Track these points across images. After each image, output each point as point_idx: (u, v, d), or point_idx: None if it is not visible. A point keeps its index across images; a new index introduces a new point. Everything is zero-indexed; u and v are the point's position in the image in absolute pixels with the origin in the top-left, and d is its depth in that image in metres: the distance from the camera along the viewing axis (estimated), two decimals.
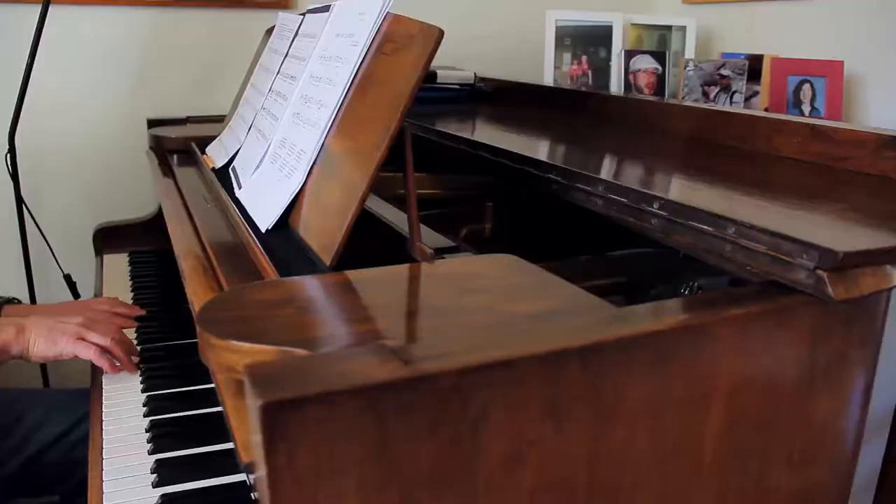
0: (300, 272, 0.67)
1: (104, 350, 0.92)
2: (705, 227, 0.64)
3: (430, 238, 0.76)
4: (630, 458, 0.52)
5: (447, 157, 1.04)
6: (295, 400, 0.41)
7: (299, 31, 1.05)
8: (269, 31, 1.26)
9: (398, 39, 0.73)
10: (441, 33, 0.66)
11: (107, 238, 1.42)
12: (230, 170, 1.06)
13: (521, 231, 1.00)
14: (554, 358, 0.47)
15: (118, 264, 1.36)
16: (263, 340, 0.50)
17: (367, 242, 0.69)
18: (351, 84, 0.78)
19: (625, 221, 0.75)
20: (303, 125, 0.85)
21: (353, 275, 0.62)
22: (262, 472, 0.43)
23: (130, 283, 1.28)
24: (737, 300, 0.55)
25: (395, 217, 0.84)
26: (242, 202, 0.90)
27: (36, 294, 1.36)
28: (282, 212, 0.78)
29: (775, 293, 0.57)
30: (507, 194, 1.00)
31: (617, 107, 1.15)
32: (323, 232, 0.70)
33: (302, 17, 1.07)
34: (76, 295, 1.34)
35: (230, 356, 0.51)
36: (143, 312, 1.09)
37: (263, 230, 0.79)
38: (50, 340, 0.88)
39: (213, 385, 0.96)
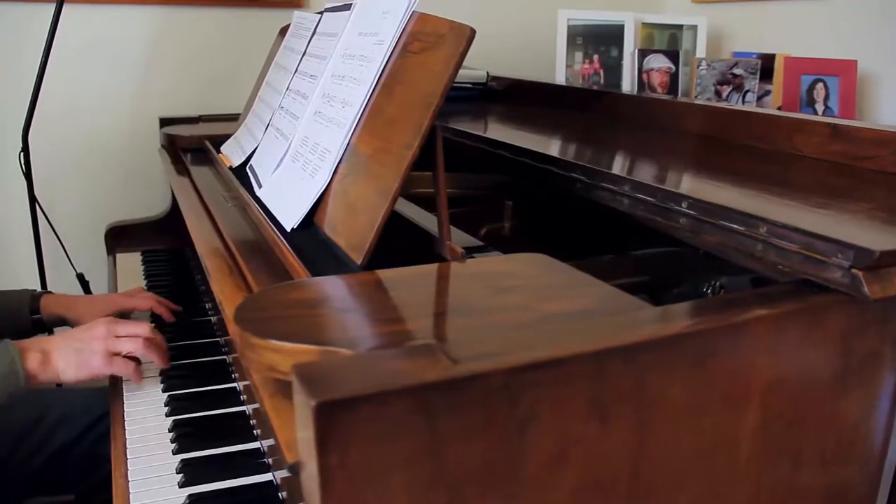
0: (330, 271, 0.67)
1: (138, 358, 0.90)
2: (736, 226, 0.65)
3: (456, 237, 0.76)
4: (669, 456, 0.53)
5: (464, 157, 1.04)
6: (348, 400, 0.41)
7: (317, 30, 1.04)
8: (284, 30, 1.25)
9: (426, 38, 0.73)
10: (473, 32, 0.66)
11: (118, 237, 1.41)
12: (248, 168, 1.05)
13: (540, 230, 1.00)
14: (600, 357, 0.47)
15: (131, 264, 1.36)
16: (305, 340, 0.50)
17: (391, 241, 0.69)
18: (377, 83, 0.78)
19: (651, 221, 0.75)
20: (326, 124, 0.85)
21: (385, 274, 0.62)
22: (312, 471, 0.43)
23: (145, 282, 1.27)
24: (773, 299, 0.56)
25: (418, 215, 0.84)
26: (264, 201, 0.89)
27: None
28: (307, 211, 0.78)
29: (809, 292, 0.57)
30: (526, 193, 1.00)
31: (633, 106, 1.15)
32: (352, 231, 0.70)
33: (319, 15, 1.06)
34: (89, 294, 1.33)
35: (271, 356, 0.51)
36: (179, 308, 1.09)
37: (289, 229, 0.79)
38: (81, 364, 0.85)
39: (232, 385, 0.96)
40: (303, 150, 0.88)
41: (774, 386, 0.56)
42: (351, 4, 0.94)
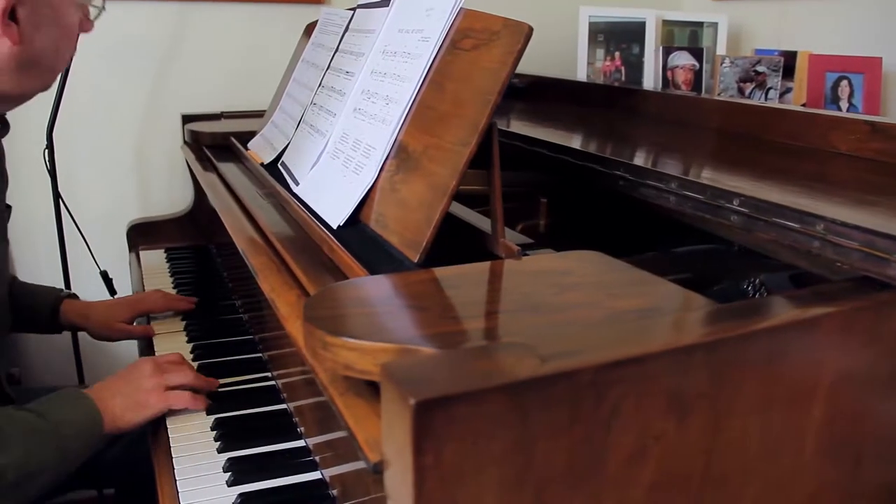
0: (385, 268, 0.66)
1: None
2: (791, 223, 0.65)
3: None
4: (740, 451, 0.53)
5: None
6: (445, 398, 0.41)
7: (350, 26, 1.04)
8: (310, 27, 1.25)
9: (477, 35, 0.72)
10: (531, 30, 0.66)
11: (141, 234, 1.40)
12: (280, 165, 1.05)
13: (576, 227, 1.00)
14: (682, 354, 0.48)
15: (155, 260, 1.35)
16: (382, 338, 0.50)
17: (438, 237, 0.68)
18: (424, 80, 0.77)
19: (698, 218, 0.75)
20: (368, 120, 0.85)
21: (446, 271, 0.62)
22: (404, 471, 0.42)
23: (172, 279, 1.26)
24: (839, 297, 0.56)
25: (461, 212, 0.84)
26: (303, 198, 0.89)
27: (72, 290, 1.34)
28: (354, 208, 0.78)
29: (872, 290, 0.57)
30: (561, 191, 1.00)
31: (663, 103, 1.15)
32: (405, 228, 0.70)
33: (351, 11, 1.06)
34: (112, 291, 1.32)
35: (348, 354, 0.50)
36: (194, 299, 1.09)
37: (335, 226, 0.78)
38: (139, 406, 0.83)
39: (270, 382, 0.96)
40: (343, 147, 0.88)
41: (839, 382, 0.56)
42: (388, 1, 0.93)
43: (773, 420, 0.54)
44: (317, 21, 1.21)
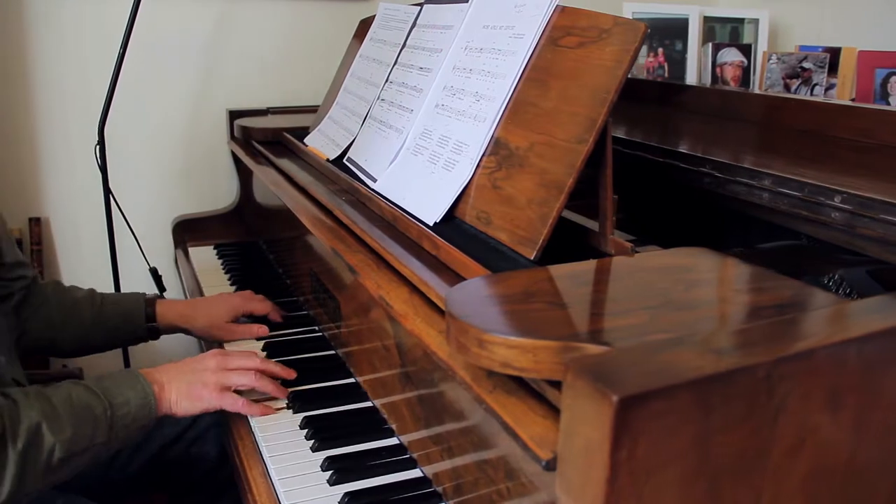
0: (501, 266, 0.67)
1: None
2: None
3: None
4: (880, 443, 0.54)
5: None
6: (643, 395, 0.41)
7: (418, 22, 1.04)
8: (364, 23, 1.24)
9: (582, 33, 0.73)
10: (646, 28, 0.66)
11: (187, 231, 1.39)
12: (346, 161, 1.04)
13: (648, 224, 1.00)
14: (841, 348, 0.49)
15: (206, 257, 1.33)
16: (543, 335, 0.50)
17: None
18: (520, 76, 0.77)
19: (797, 215, 0.76)
20: (455, 117, 0.84)
21: (569, 268, 0.62)
22: (594, 467, 0.43)
23: (227, 277, 1.25)
24: None
25: None
26: (384, 194, 0.89)
27: (121, 288, 1.32)
28: (451, 204, 0.78)
29: None
30: (633, 187, 1.01)
31: (722, 101, 1.15)
32: (515, 225, 0.70)
33: (417, 7, 1.05)
34: (161, 287, 1.31)
35: (507, 352, 0.51)
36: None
37: (431, 223, 0.78)
38: (193, 397, 0.83)
39: (352, 380, 0.95)
40: (427, 144, 0.88)
41: None
42: None
43: None
44: (369, 18, 1.20)
